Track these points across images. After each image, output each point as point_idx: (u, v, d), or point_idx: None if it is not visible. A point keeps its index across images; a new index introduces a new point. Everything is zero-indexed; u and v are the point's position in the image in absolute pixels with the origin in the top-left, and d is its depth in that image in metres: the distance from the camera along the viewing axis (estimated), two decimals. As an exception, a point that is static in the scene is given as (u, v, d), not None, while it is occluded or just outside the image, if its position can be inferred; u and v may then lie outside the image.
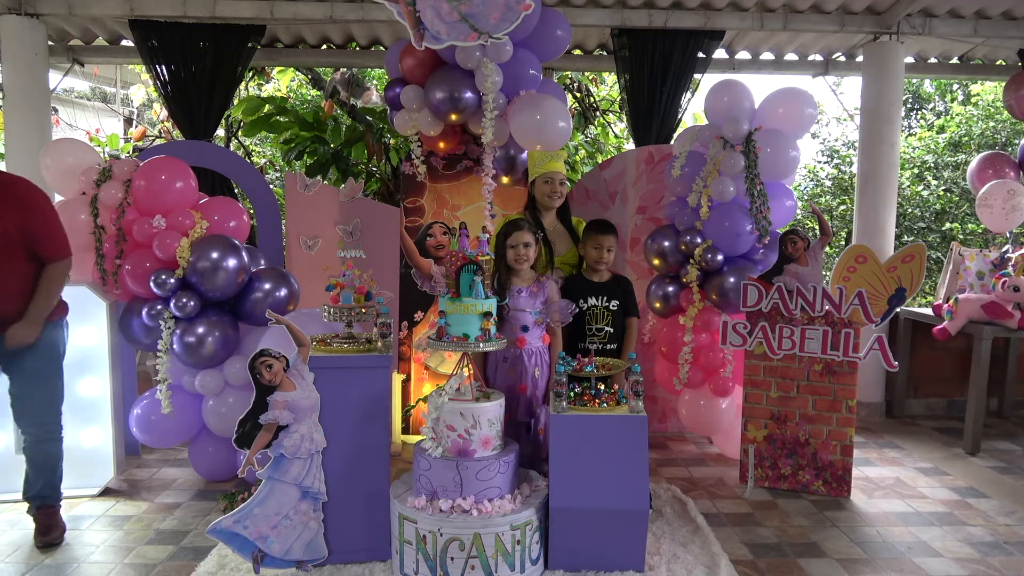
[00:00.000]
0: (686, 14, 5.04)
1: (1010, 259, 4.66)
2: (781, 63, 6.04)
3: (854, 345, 3.71)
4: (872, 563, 3.13)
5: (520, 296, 3.30)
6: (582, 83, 7.96)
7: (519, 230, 3.32)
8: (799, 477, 3.88)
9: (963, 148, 9.51)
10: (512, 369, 3.30)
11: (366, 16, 4.91)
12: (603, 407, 2.96)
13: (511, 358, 3.30)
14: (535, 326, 3.32)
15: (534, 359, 3.32)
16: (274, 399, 2.85)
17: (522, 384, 3.29)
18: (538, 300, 3.32)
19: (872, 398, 5.35)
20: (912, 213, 9.24)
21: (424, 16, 3.69)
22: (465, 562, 2.76)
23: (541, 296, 3.33)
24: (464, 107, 4.02)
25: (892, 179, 5.22)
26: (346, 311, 3.07)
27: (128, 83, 12.07)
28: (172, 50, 5.01)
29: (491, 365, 3.36)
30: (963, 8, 5.11)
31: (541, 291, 3.34)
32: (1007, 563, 3.15)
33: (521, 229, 3.33)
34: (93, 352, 3.80)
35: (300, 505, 2.91)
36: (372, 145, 6.25)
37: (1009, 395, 5.49)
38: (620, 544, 2.92)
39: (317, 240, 4.39)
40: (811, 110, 4.28)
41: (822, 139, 10.64)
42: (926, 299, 7.38)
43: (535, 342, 3.32)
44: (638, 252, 4.74)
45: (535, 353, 3.33)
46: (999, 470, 4.34)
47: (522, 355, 3.29)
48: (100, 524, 3.46)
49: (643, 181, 4.84)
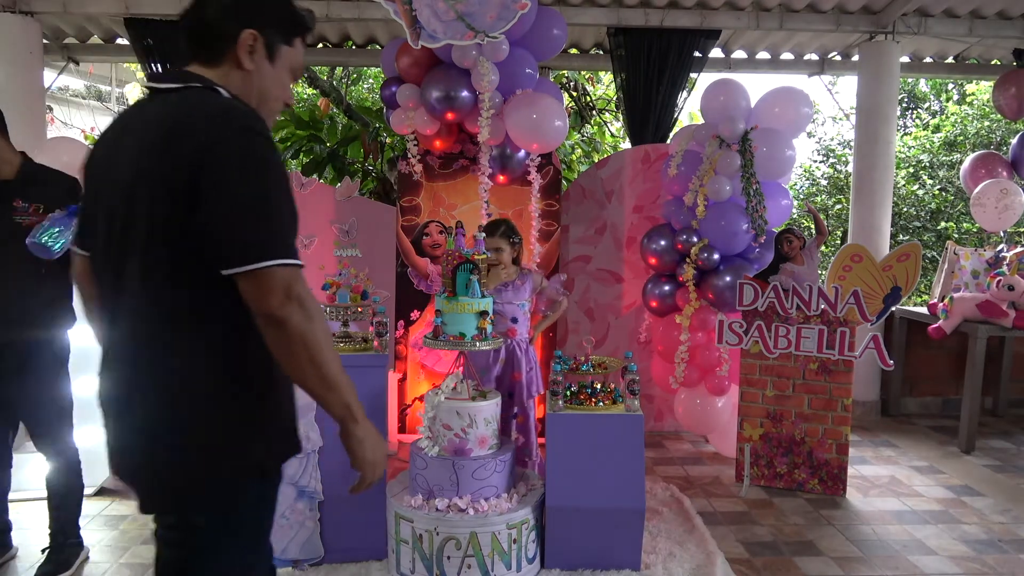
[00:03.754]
0: (682, 13, 5.05)
1: (1005, 258, 4.68)
2: (777, 62, 6.05)
3: (850, 344, 3.72)
4: (867, 561, 3.14)
5: (506, 291, 3.43)
6: (578, 82, 7.98)
7: (491, 236, 3.40)
8: (795, 475, 3.89)
9: (958, 147, 9.53)
10: (503, 359, 3.43)
11: (362, 15, 4.90)
12: (599, 406, 2.96)
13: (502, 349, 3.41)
14: (524, 318, 3.47)
15: (524, 348, 3.46)
16: (270, 398, 2.84)
17: (515, 373, 3.43)
18: (524, 292, 3.46)
19: (868, 397, 5.36)
20: (907, 212, 9.26)
21: (420, 15, 3.69)
22: (461, 561, 2.76)
23: (527, 288, 3.47)
24: (460, 106, 4.02)
25: (888, 178, 5.23)
26: (342, 310, 3.07)
27: (123, 81, 12.04)
28: (167, 48, 4.99)
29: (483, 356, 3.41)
30: (958, 8, 5.13)
31: (526, 283, 3.47)
32: (1001, 561, 3.16)
33: (493, 235, 3.41)
34: (89, 352, 3.77)
35: (296, 504, 2.91)
36: (368, 144, 6.25)
37: (1004, 394, 5.50)
38: (616, 543, 2.92)
39: (313, 239, 4.39)
40: (807, 109, 4.29)
41: (818, 138, 10.66)
42: (921, 298, 7.40)
43: (524, 333, 3.48)
44: (634, 251, 4.74)
45: (525, 343, 3.47)
46: (994, 468, 4.35)
47: (515, 346, 3.43)
48: (96, 523, 3.44)
49: (639, 180, 4.84)
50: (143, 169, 1.30)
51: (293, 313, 1.27)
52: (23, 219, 2.79)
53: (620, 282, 4.89)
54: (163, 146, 1.28)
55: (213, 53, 1.43)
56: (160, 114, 1.34)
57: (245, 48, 1.42)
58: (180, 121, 1.29)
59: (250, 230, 1.26)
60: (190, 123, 1.28)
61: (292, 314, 1.27)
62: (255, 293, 1.26)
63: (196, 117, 1.29)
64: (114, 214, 1.35)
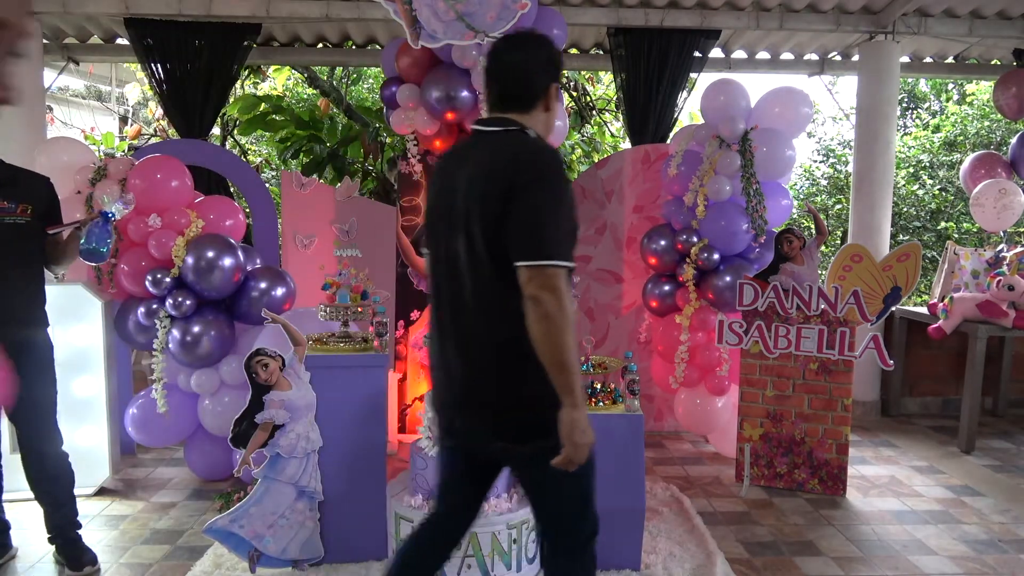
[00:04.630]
0: (682, 13, 5.05)
1: (1005, 258, 4.68)
2: (777, 62, 6.05)
3: (850, 344, 3.72)
4: (867, 561, 3.14)
5: None
6: (579, 82, 7.97)
7: None
8: (795, 475, 3.89)
9: (958, 147, 9.53)
10: None
11: (362, 15, 4.90)
12: (599, 406, 2.96)
13: None
14: None
15: None
16: (270, 398, 2.85)
17: None
18: None
19: (867, 397, 5.36)
20: (908, 212, 9.26)
21: (420, 15, 3.69)
22: (461, 561, 2.76)
23: None
24: (460, 106, 4.02)
25: (888, 178, 5.23)
26: (342, 310, 3.07)
27: (123, 81, 12.05)
28: (167, 48, 5.00)
29: None
30: (958, 8, 5.13)
31: None
32: (1001, 561, 3.16)
33: None
34: (88, 351, 3.79)
35: (296, 504, 2.91)
36: (368, 144, 6.25)
37: (1004, 394, 5.50)
38: (616, 542, 2.92)
39: (313, 239, 4.39)
40: (807, 109, 4.29)
41: (818, 138, 10.66)
42: (921, 298, 7.40)
43: None
44: (634, 251, 4.74)
45: None
46: (994, 468, 4.35)
47: None
48: (96, 524, 3.45)
49: (639, 180, 4.84)
50: (483, 191, 1.77)
51: (549, 299, 1.67)
52: (13, 220, 2.80)
53: (620, 282, 4.89)
54: (496, 175, 1.77)
55: (526, 103, 1.90)
56: (490, 151, 1.84)
57: (553, 97, 1.93)
58: (506, 157, 1.79)
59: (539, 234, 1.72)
60: (514, 159, 1.78)
61: (548, 299, 1.67)
62: (528, 279, 1.70)
63: (518, 154, 1.80)
64: (455, 220, 1.81)
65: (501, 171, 1.76)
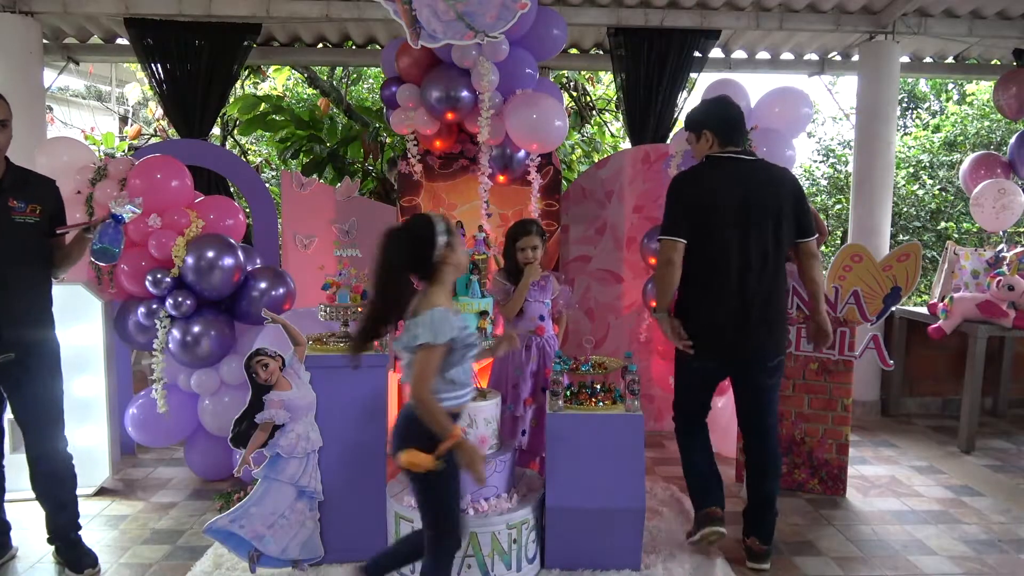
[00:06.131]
0: (682, 13, 5.05)
1: (1005, 258, 4.68)
2: (777, 62, 6.05)
3: (850, 344, 3.72)
4: (867, 561, 3.14)
5: (534, 289, 3.50)
6: (578, 82, 7.98)
7: (527, 234, 3.47)
8: (795, 476, 3.89)
9: (958, 147, 9.53)
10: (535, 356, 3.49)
11: (362, 15, 4.90)
12: (600, 406, 2.96)
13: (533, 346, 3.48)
14: (548, 316, 3.56)
15: (553, 345, 3.55)
16: (270, 398, 2.85)
17: (547, 368, 3.46)
18: (548, 291, 3.55)
19: (867, 397, 5.36)
20: (907, 212, 9.25)
21: (420, 15, 3.69)
22: (461, 561, 2.76)
23: (549, 287, 3.56)
24: (460, 106, 4.02)
25: (888, 178, 5.23)
26: (342, 310, 3.07)
27: (123, 81, 12.05)
28: (167, 48, 4.99)
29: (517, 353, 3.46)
30: (958, 8, 5.13)
31: (548, 283, 3.56)
32: (1001, 561, 3.16)
33: (530, 233, 3.47)
34: (88, 351, 3.79)
35: (296, 504, 2.91)
36: (368, 144, 6.25)
37: (1004, 394, 5.50)
38: (616, 543, 2.92)
39: (313, 239, 4.39)
40: (807, 109, 4.29)
41: (818, 138, 10.65)
42: (921, 298, 7.39)
43: (551, 330, 3.58)
44: (634, 251, 4.74)
45: (551, 339, 3.56)
46: (994, 468, 4.35)
47: (544, 344, 3.51)
48: (96, 524, 3.45)
49: (639, 180, 4.84)
50: (761, 197, 2.89)
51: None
52: (24, 219, 2.80)
53: (620, 282, 4.90)
54: (774, 185, 2.93)
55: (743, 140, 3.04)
56: (756, 170, 2.95)
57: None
58: (774, 174, 2.97)
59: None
60: (780, 175, 2.99)
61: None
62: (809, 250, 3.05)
63: (782, 172, 3.02)
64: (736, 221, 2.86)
65: (780, 183, 2.96)
